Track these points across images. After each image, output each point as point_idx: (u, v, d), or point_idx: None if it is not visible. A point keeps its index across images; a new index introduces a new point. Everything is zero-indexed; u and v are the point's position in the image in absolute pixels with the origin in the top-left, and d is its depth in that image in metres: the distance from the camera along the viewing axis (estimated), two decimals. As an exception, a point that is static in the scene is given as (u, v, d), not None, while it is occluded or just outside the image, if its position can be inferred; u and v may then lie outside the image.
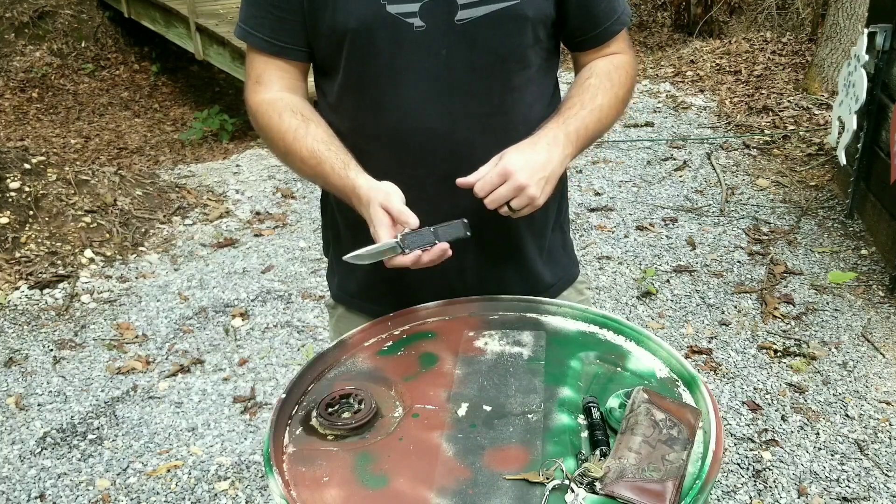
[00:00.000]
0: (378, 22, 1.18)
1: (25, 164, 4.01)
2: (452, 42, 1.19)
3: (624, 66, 1.33)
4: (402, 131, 1.24)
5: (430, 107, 1.22)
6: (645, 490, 0.91)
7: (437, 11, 1.18)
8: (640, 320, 3.20)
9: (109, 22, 8.85)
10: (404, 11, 1.17)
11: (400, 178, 1.19)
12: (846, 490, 2.32)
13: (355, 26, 1.18)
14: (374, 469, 0.99)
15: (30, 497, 2.38)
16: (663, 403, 1.03)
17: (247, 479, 2.44)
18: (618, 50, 1.35)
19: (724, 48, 6.74)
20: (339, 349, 1.23)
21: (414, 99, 1.22)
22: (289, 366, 2.97)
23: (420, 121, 1.23)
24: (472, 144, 1.24)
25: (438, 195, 1.25)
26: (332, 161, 1.20)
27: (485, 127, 1.25)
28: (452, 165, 1.22)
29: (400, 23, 1.18)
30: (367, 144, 1.27)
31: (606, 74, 1.31)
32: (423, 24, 1.18)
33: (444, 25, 1.18)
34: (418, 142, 1.24)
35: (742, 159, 4.71)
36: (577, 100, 1.27)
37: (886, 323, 3.08)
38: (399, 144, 1.26)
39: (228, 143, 6.46)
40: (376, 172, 1.21)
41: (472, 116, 1.24)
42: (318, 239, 3.97)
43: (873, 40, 3.49)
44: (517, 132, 1.25)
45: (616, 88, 1.30)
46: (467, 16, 1.18)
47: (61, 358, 3.05)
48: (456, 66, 1.21)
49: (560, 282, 1.47)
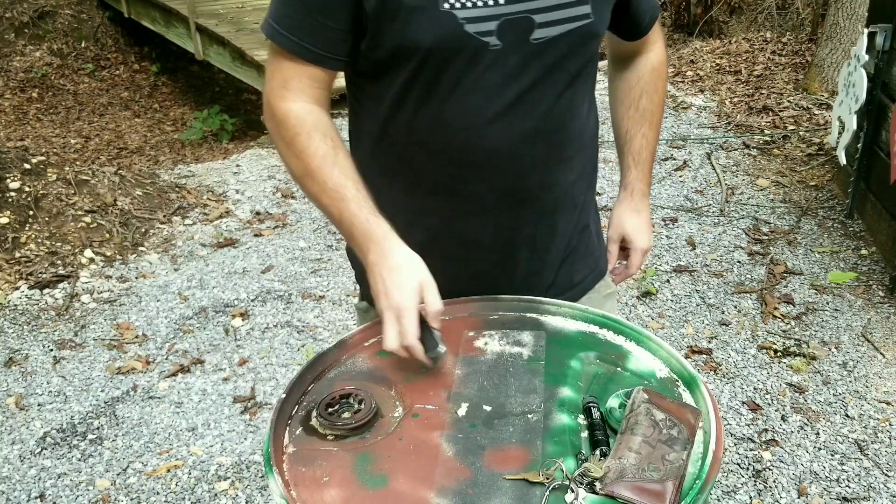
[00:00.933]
0: (455, 41, 1.13)
1: (25, 164, 4.02)
2: (526, 61, 1.17)
3: (663, 65, 1.45)
4: (466, 148, 1.22)
5: (497, 124, 1.20)
6: (645, 490, 0.91)
7: (514, 30, 1.15)
8: (640, 320, 3.20)
9: (109, 22, 8.85)
10: (482, 30, 1.13)
11: (460, 193, 1.23)
12: (846, 490, 2.32)
13: (430, 45, 1.13)
14: (374, 469, 0.99)
15: (30, 497, 2.38)
16: (663, 403, 1.03)
17: (247, 479, 2.44)
18: (656, 36, 1.43)
19: (724, 48, 6.74)
20: (339, 349, 1.23)
21: (481, 117, 1.20)
22: (289, 366, 2.97)
23: (485, 138, 1.21)
24: (533, 160, 1.25)
25: (498, 209, 1.28)
26: (359, 201, 1.17)
27: (546, 143, 1.25)
28: (511, 180, 1.25)
29: (477, 42, 1.14)
30: (425, 158, 1.25)
31: (653, 87, 1.44)
32: (498, 42, 1.15)
33: (520, 44, 1.16)
34: (481, 159, 1.23)
35: (742, 159, 4.71)
36: (641, 135, 1.45)
37: (886, 323, 3.08)
38: (461, 161, 1.24)
39: (228, 143, 6.46)
40: (433, 186, 1.24)
41: (535, 133, 1.23)
42: (318, 239, 3.97)
43: (873, 40, 3.49)
44: (571, 144, 1.29)
45: (661, 98, 1.47)
46: (543, 35, 1.16)
47: (61, 358, 3.05)
48: (525, 85, 1.19)
49: (587, 279, 1.50)
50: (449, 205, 1.28)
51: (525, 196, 1.27)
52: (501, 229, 1.30)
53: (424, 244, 1.18)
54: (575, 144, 1.29)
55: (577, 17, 1.17)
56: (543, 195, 1.29)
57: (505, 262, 1.34)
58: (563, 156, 1.28)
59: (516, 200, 1.27)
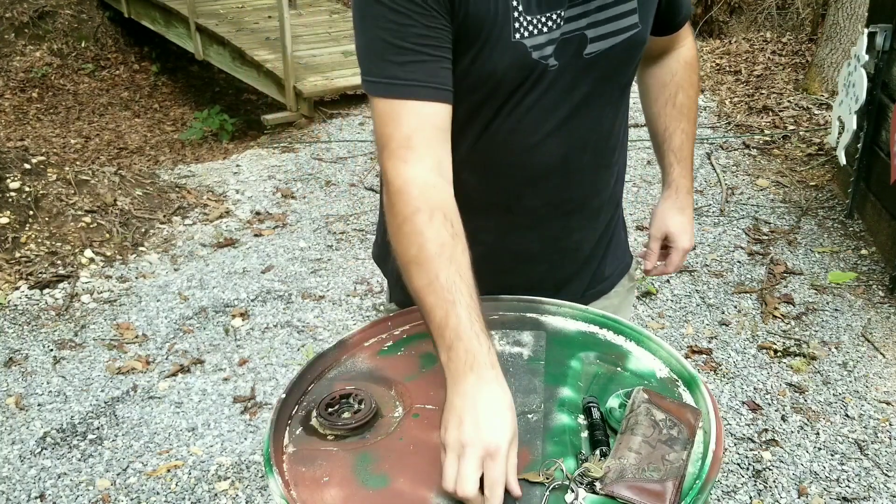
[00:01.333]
0: (525, 70, 1.14)
1: (25, 164, 4.02)
2: (580, 76, 1.18)
3: (695, 59, 1.46)
4: (523, 166, 1.23)
5: (551, 140, 1.21)
6: (645, 490, 0.91)
7: (569, 48, 1.15)
8: (640, 320, 3.20)
9: (109, 22, 8.86)
10: (545, 55, 1.14)
11: (513, 209, 1.24)
12: (846, 490, 2.32)
13: (502, 75, 1.13)
14: (374, 469, 0.99)
15: (30, 497, 2.38)
16: (663, 403, 1.03)
17: (247, 479, 2.44)
18: (687, 30, 1.42)
19: (724, 48, 6.74)
20: (339, 349, 1.23)
21: (538, 134, 1.20)
22: (289, 366, 2.97)
23: (541, 155, 1.22)
24: (582, 169, 1.27)
25: (549, 219, 1.29)
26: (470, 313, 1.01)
27: (595, 151, 1.27)
28: (562, 190, 1.27)
29: (541, 66, 1.15)
30: (481, 179, 1.25)
31: (689, 82, 1.44)
32: (556, 62, 1.15)
33: (574, 61, 1.17)
34: (536, 175, 1.24)
35: (742, 159, 4.71)
36: (680, 130, 1.44)
37: (886, 323, 3.08)
38: (517, 179, 1.24)
39: (228, 143, 6.46)
40: (487, 205, 1.25)
41: (585, 144, 1.24)
42: (318, 239, 3.97)
43: (873, 40, 3.49)
44: (613, 150, 1.31)
45: (696, 92, 1.46)
46: (596, 49, 1.17)
47: (61, 358, 3.05)
48: (578, 99, 1.20)
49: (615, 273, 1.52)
50: (503, 221, 1.29)
51: (575, 205, 1.29)
52: (552, 239, 1.32)
53: (477, 260, 1.11)
54: (618, 148, 1.32)
55: (626, 28, 1.18)
56: (591, 201, 1.32)
57: (554, 270, 1.36)
58: (609, 161, 1.31)
59: (567, 211, 1.29)
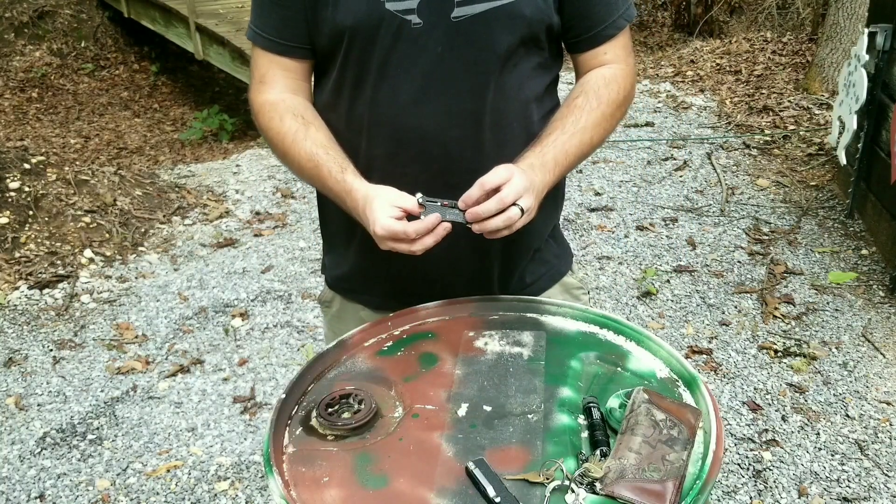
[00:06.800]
0: (377, 19, 1.19)
1: (25, 164, 4.01)
2: (448, 39, 1.20)
3: (617, 80, 1.30)
4: (397, 128, 1.25)
5: (425, 104, 1.23)
6: (645, 490, 0.91)
7: (434, 8, 1.18)
8: (640, 320, 3.19)
9: (109, 22, 8.85)
10: (403, 8, 1.18)
11: (393, 175, 1.20)
12: (846, 490, 2.32)
13: (353, 24, 1.19)
14: (374, 469, 0.99)
15: (30, 497, 2.38)
16: (663, 403, 1.03)
17: (247, 479, 2.44)
18: (614, 57, 1.31)
19: (725, 48, 6.74)
20: (339, 349, 1.23)
21: (408, 96, 1.22)
22: (289, 366, 2.97)
23: (414, 118, 1.24)
24: (465, 142, 1.25)
25: (432, 192, 1.23)
26: (329, 165, 1.21)
27: (477, 125, 1.25)
28: (445, 163, 1.25)
29: (398, 20, 1.18)
30: (361, 141, 1.28)
31: (595, 92, 1.28)
32: (420, 20, 1.18)
33: (441, 22, 1.19)
34: (412, 139, 1.25)
35: (742, 159, 4.71)
36: (560, 124, 1.25)
37: (887, 323, 3.08)
38: (394, 141, 1.26)
39: (228, 143, 6.46)
40: (370, 169, 1.23)
41: (465, 114, 1.24)
42: (318, 239, 3.96)
43: (873, 40, 3.49)
44: (511, 131, 1.26)
45: (604, 107, 1.27)
46: (463, 13, 1.19)
47: (61, 358, 3.05)
48: (450, 64, 1.21)
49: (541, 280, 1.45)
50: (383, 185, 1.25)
51: (458, 180, 1.19)
52: None
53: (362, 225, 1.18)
54: (516, 131, 1.27)
55: None
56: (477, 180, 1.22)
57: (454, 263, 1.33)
58: (501, 141, 1.26)
59: (449, 184, 1.20)
